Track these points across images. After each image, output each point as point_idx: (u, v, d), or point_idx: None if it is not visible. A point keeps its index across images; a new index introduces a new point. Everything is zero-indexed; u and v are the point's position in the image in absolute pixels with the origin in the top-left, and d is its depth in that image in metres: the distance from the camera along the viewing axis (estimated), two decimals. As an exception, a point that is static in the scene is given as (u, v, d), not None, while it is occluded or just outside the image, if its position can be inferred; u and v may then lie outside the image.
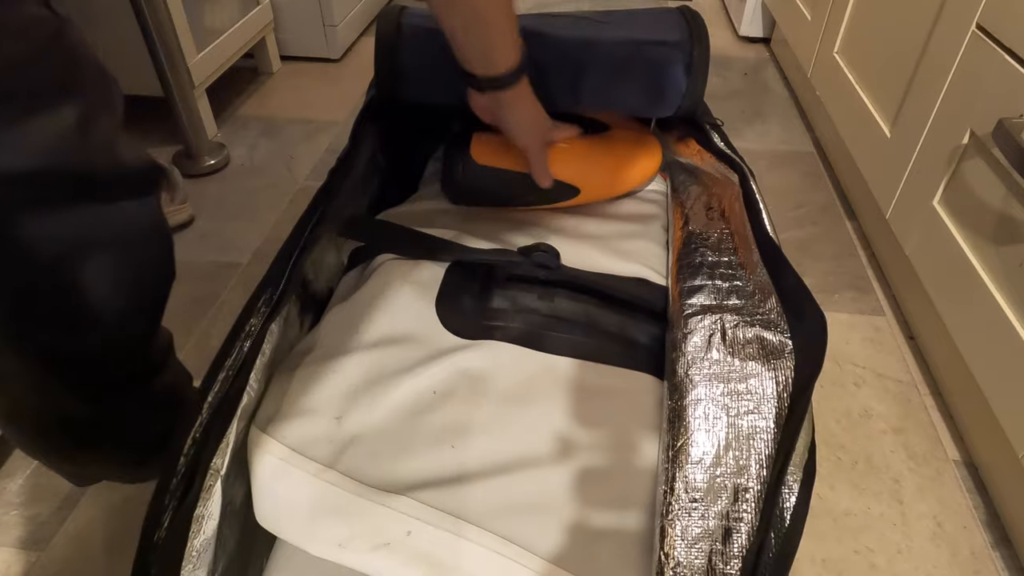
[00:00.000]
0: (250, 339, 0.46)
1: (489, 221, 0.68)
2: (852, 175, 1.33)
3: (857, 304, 1.10)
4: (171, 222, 1.23)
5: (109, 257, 0.53)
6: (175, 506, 0.39)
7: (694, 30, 0.69)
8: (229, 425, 0.42)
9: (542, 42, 0.67)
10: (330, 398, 0.48)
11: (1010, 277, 0.76)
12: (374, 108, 0.73)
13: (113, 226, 0.52)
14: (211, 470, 0.40)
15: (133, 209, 0.54)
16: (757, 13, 1.95)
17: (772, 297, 0.50)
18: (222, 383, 0.44)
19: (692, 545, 0.39)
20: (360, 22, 2.00)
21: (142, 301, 0.58)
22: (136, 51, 1.31)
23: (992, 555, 0.77)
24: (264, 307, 0.48)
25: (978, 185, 0.83)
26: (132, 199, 0.54)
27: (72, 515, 0.80)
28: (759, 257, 0.54)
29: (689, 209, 0.66)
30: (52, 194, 0.47)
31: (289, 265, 0.52)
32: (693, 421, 0.44)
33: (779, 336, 0.47)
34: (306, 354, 0.52)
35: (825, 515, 0.81)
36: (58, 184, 0.47)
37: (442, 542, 0.42)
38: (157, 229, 0.58)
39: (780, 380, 0.45)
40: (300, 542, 0.43)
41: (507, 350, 0.53)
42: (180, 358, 0.92)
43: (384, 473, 0.45)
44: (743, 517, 0.39)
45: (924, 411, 0.93)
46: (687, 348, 0.48)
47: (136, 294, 0.57)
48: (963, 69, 0.88)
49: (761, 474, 0.41)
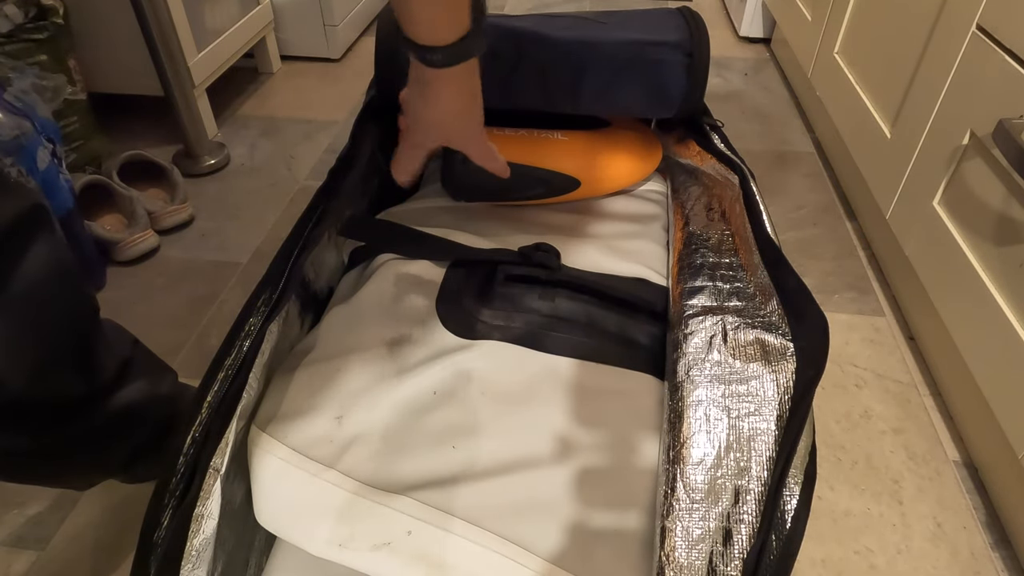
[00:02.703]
0: (249, 338, 0.46)
1: (490, 219, 0.68)
2: (852, 175, 1.33)
3: (857, 304, 1.10)
4: (171, 222, 1.23)
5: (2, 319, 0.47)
6: (175, 506, 0.39)
7: (694, 31, 0.69)
8: (228, 425, 0.42)
9: (542, 43, 0.67)
10: (330, 398, 0.48)
11: (1010, 277, 0.76)
12: (374, 108, 0.73)
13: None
14: (211, 469, 0.40)
15: (19, 268, 0.48)
16: (757, 13, 1.95)
17: (773, 299, 0.50)
18: (221, 382, 0.44)
19: (693, 546, 0.39)
20: (360, 22, 2.00)
21: (51, 353, 0.52)
22: (136, 51, 1.31)
23: (992, 555, 0.77)
24: (263, 307, 0.48)
25: (978, 186, 0.83)
26: (13, 256, 0.47)
27: (71, 514, 0.80)
28: (760, 259, 0.54)
29: (690, 210, 0.66)
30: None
31: (288, 265, 0.52)
32: (694, 422, 0.44)
33: (780, 338, 0.47)
34: (306, 354, 0.52)
35: (825, 515, 0.81)
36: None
37: (442, 542, 0.42)
38: (55, 274, 0.51)
39: (781, 382, 0.45)
40: (300, 542, 0.43)
41: (507, 350, 0.53)
42: (180, 358, 0.93)
43: (385, 473, 0.45)
44: (744, 519, 0.39)
45: (924, 411, 0.93)
46: (688, 349, 0.48)
47: (39, 350, 0.51)
48: (963, 69, 0.88)
49: (762, 476, 0.41)
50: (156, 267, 1.17)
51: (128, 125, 1.51)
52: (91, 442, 0.60)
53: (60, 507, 0.81)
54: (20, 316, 0.49)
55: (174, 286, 1.13)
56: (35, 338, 0.50)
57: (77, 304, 0.56)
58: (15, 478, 0.59)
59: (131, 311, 1.07)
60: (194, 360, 0.99)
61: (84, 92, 1.31)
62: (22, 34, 1.16)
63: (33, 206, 0.50)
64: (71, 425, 0.56)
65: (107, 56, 1.37)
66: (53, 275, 0.51)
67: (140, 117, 1.54)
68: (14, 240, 0.48)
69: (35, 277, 0.49)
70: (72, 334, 0.55)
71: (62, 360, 0.54)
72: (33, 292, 0.49)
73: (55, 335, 0.52)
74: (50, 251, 0.51)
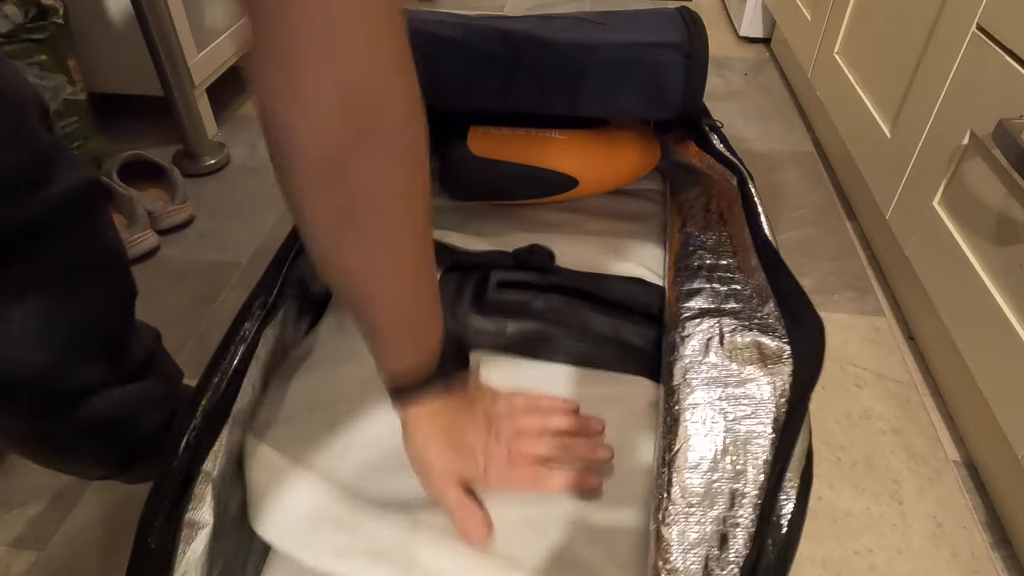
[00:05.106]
0: (244, 343, 0.46)
1: (486, 218, 0.68)
2: (852, 175, 1.33)
3: (857, 304, 1.10)
4: (171, 222, 1.23)
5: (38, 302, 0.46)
6: (168, 510, 0.39)
7: (693, 32, 0.69)
8: (222, 429, 0.42)
9: (540, 46, 0.67)
10: (326, 406, 0.48)
11: (1010, 277, 0.76)
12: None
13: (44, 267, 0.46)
14: (202, 473, 0.40)
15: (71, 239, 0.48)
16: (757, 13, 1.95)
17: (770, 302, 0.50)
18: (216, 386, 0.44)
19: (688, 550, 0.39)
20: (360, 21, 1.99)
21: (91, 336, 0.52)
22: (136, 51, 1.31)
23: (992, 555, 0.77)
24: (259, 310, 0.48)
25: (978, 186, 0.83)
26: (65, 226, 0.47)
27: (71, 514, 0.80)
28: (757, 261, 0.54)
29: (688, 210, 0.66)
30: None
31: (283, 269, 0.52)
32: (690, 425, 0.44)
33: (777, 341, 0.47)
34: (302, 360, 0.52)
35: (825, 516, 0.81)
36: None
37: (436, 551, 0.42)
38: (102, 250, 0.52)
39: (778, 385, 0.45)
40: (296, 551, 0.43)
41: (502, 360, 0.53)
42: (180, 358, 0.92)
43: (380, 482, 0.45)
44: (740, 522, 0.39)
45: (924, 411, 0.93)
46: (684, 351, 0.48)
47: (83, 330, 0.51)
48: (963, 69, 0.88)
49: (758, 479, 0.41)
50: (156, 267, 1.17)
51: (128, 125, 1.51)
52: (107, 428, 0.60)
53: (60, 507, 0.81)
54: (62, 295, 0.49)
55: (174, 286, 1.13)
56: (71, 319, 0.50)
57: (122, 283, 0.56)
58: (36, 460, 0.60)
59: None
60: (194, 360, 0.99)
61: (84, 92, 1.31)
62: (22, 34, 1.16)
63: (95, 180, 0.51)
64: (92, 407, 0.56)
65: (107, 56, 1.37)
66: (106, 248, 0.52)
67: (140, 117, 1.54)
68: (76, 207, 0.49)
69: (94, 246, 0.51)
70: (111, 316, 0.55)
71: (96, 337, 0.53)
72: (77, 271, 0.50)
73: (100, 317, 0.53)
74: (106, 226, 0.52)
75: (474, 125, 0.70)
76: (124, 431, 0.63)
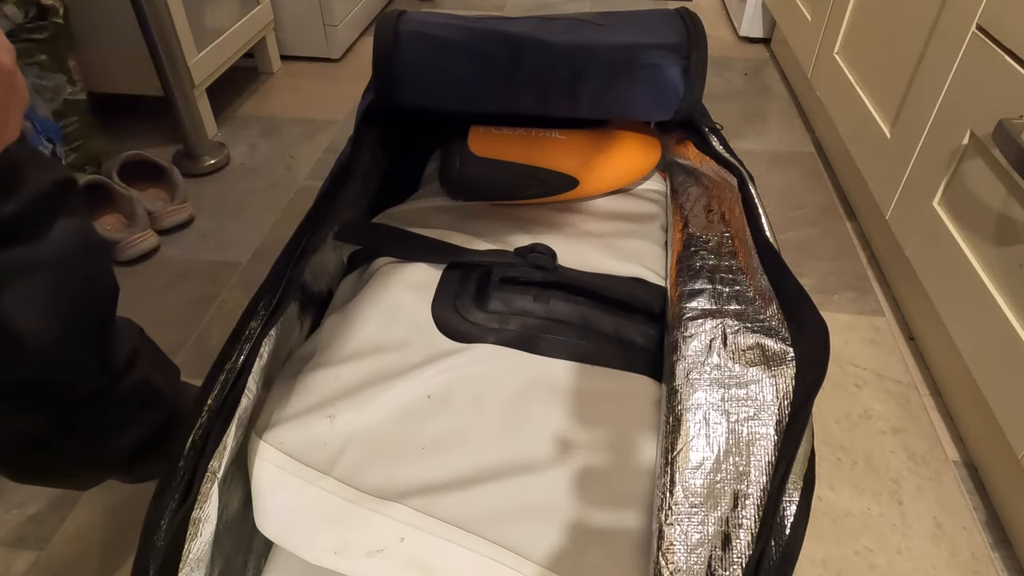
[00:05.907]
0: (249, 342, 0.46)
1: (488, 219, 0.68)
2: (852, 175, 1.33)
3: (857, 305, 1.10)
4: (171, 222, 1.23)
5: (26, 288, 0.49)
6: (173, 509, 0.39)
7: (692, 33, 0.69)
8: (227, 428, 0.42)
9: (539, 48, 0.67)
10: (326, 403, 0.48)
11: (1010, 277, 0.76)
12: (374, 109, 0.73)
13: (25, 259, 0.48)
14: (208, 473, 0.40)
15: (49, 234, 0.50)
16: (757, 13, 1.95)
17: (773, 303, 0.50)
18: (221, 386, 0.44)
19: (691, 551, 0.39)
20: (360, 22, 1.99)
21: (77, 325, 0.54)
22: (136, 51, 1.31)
23: (992, 556, 0.78)
24: (263, 311, 0.48)
25: (978, 186, 0.83)
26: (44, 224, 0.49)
27: (71, 514, 0.81)
28: (759, 263, 0.54)
29: (689, 211, 0.66)
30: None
31: (289, 269, 0.52)
32: (693, 426, 0.44)
33: (780, 343, 0.47)
34: (306, 360, 0.52)
35: (825, 516, 0.81)
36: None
37: (436, 548, 0.42)
38: (83, 246, 0.54)
39: (781, 387, 0.45)
40: (297, 549, 0.43)
41: (503, 354, 0.53)
42: (180, 358, 0.92)
43: (379, 479, 0.45)
44: (743, 523, 0.39)
45: (924, 411, 0.93)
46: (687, 352, 0.48)
47: (67, 319, 0.53)
48: (963, 69, 0.88)
49: (761, 480, 0.41)
50: (156, 267, 1.17)
51: (128, 125, 1.51)
52: (100, 428, 0.61)
53: (60, 507, 0.81)
54: (50, 281, 0.51)
55: (174, 286, 1.13)
56: (62, 307, 0.52)
57: (102, 279, 0.57)
58: (21, 474, 0.60)
59: (131, 311, 1.06)
60: (194, 360, 0.99)
61: (84, 92, 1.31)
62: (22, 34, 1.16)
63: (66, 179, 0.53)
64: (85, 407, 0.58)
65: (107, 56, 1.37)
66: (81, 246, 0.53)
67: (140, 117, 1.54)
68: (49, 205, 0.50)
69: (65, 245, 0.52)
70: (95, 310, 0.56)
71: (84, 335, 0.55)
72: (62, 259, 0.52)
73: (80, 306, 0.54)
74: (79, 223, 0.53)
75: (474, 125, 0.70)
76: (123, 425, 0.63)
